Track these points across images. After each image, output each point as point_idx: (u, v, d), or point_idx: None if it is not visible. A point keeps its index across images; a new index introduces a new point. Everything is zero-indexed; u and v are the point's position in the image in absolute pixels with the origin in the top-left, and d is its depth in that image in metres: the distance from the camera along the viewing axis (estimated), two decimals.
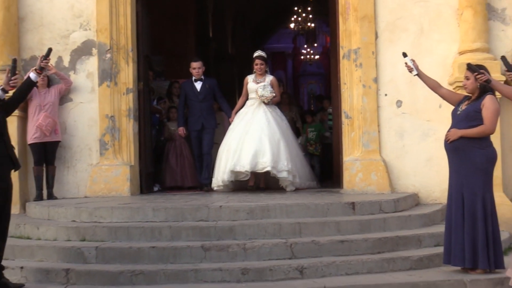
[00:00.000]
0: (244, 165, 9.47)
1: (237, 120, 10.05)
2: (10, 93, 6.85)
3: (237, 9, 19.70)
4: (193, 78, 10.45)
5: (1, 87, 6.30)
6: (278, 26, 26.69)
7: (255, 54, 10.30)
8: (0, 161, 6.73)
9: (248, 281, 6.83)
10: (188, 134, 10.69)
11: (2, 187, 6.78)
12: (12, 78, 6.38)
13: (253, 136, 9.60)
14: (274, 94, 9.93)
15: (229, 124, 10.38)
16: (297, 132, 12.34)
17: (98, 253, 7.31)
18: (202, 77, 10.47)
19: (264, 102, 9.84)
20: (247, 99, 10.24)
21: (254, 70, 10.23)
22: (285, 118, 10.42)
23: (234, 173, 9.61)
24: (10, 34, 9.64)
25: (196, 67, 10.44)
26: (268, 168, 9.49)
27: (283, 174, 9.62)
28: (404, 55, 7.37)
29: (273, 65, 30.33)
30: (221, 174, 9.77)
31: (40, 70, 6.92)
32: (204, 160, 10.37)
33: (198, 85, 10.41)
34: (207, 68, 10.53)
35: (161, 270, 6.95)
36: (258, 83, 10.05)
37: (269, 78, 10.20)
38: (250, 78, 10.23)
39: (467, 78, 6.96)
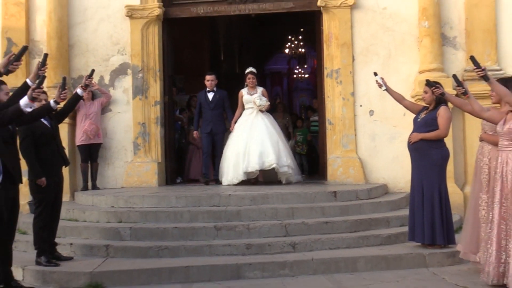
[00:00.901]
0: (254, 166, 9.12)
1: (240, 128, 9.54)
2: (61, 104, 6.87)
3: (243, 37, 19.65)
4: (207, 89, 9.97)
5: (54, 99, 6.31)
6: (276, 51, 26.62)
7: (248, 70, 9.80)
8: (53, 159, 6.77)
9: (251, 254, 6.85)
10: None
11: (55, 180, 6.82)
12: (62, 92, 6.39)
13: (257, 140, 9.24)
14: (269, 103, 9.72)
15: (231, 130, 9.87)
16: (288, 136, 12.20)
17: (132, 232, 7.33)
18: (215, 88, 9.93)
19: (261, 110, 9.57)
20: (243, 109, 9.73)
21: (247, 84, 9.68)
22: (276, 123, 9.97)
23: (247, 173, 9.25)
24: (62, 58, 9.67)
25: (209, 79, 9.92)
26: (274, 165, 9.13)
27: (284, 169, 9.29)
28: (375, 74, 7.37)
29: (272, 82, 30.22)
30: (233, 175, 9.28)
31: (85, 87, 6.96)
32: (216, 162, 9.93)
33: (210, 95, 9.90)
34: (220, 85, 10.37)
35: (182, 246, 6.99)
36: (251, 95, 9.58)
37: (260, 89, 9.73)
38: (244, 92, 9.67)
39: (425, 92, 6.96)
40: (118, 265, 6.62)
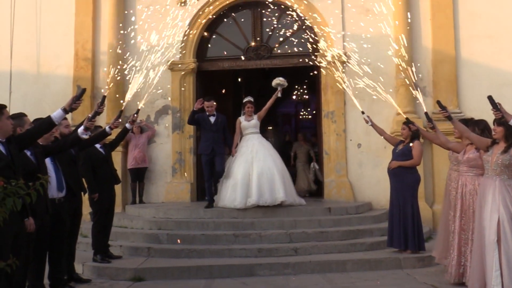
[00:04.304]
0: (266, 201, 7.80)
1: (241, 152, 8.24)
2: (114, 136, 6.89)
3: (259, 86, 19.75)
4: (207, 113, 8.30)
5: (109, 125, 6.28)
6: (285, 97, 26.67)
7: (246, 99, 8.65)
8: (107, 179, 6.77)
9: (262, 256, 6.80)
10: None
11: (109, 195, 6.81)
12: (116, 121, 6.30)
13: (266, 175, 7.89)
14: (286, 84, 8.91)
15: (229, 154, 8.53)
16: (310, 159, 11.22)
17: (168, 237, 7.32)
18: (214, 113, 8.32)
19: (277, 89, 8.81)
20: (241, 136, 8.51)
21: (245, 112, 8.46)
22: (271, 145, 8.61)
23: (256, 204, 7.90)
24: (119, 101, 9.29)
25: (208, 106, 8.22)
26: (283, 200, 7.87)
27: (290, 200, 8.04)
28: (362, 112, 7.33)
29: (283, 121, 30.21)
30: (241, 201, 7.88)
31: (133, 122, 6.92)
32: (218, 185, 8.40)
33: (212, 119, 8.28)
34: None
35: (207, 249, 6.95)
36: (248, 121, 8.41)
37: (255, 116, 8.47)
38: (242, 119, 8.46)
39: (404, 128, 6.90)
40: (156, 263, 6.59)
